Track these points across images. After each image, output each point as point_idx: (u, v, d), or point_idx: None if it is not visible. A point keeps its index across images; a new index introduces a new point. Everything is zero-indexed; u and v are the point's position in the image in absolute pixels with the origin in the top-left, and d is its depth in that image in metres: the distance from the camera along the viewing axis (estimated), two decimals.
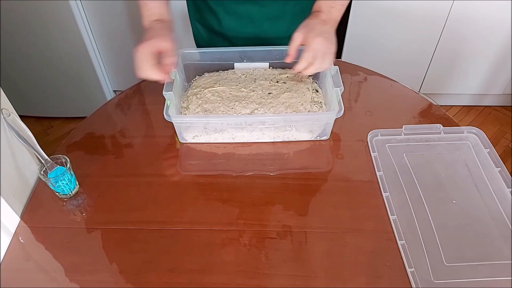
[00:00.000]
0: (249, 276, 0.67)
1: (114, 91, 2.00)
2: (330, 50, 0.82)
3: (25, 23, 1.66)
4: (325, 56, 0.81)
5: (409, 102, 0.98)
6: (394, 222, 0.73)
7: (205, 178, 0.83)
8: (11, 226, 0.75)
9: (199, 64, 0.99)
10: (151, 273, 0.68)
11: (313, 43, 0.80)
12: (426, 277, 0.66)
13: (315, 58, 0.81)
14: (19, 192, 0.79)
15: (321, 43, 0.81)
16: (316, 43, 0.80)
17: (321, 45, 0.81)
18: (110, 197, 0.80)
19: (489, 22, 1.68)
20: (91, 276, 0.69)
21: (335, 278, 0.67)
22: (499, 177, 0.80)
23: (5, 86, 1.78)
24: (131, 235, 0.74)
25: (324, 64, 0.82)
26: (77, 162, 0.87)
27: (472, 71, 1.87)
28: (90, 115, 0.97)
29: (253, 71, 0.98)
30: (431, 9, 1.65)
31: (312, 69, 0.82)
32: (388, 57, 1.84)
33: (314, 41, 0.80)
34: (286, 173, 0.83)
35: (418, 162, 0.83)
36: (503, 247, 0.69)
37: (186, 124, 0.87)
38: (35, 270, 0.70)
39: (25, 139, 0.76)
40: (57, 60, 1.80)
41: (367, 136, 0.88)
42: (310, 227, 0.73)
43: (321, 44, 0.81)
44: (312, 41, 0.81)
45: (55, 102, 1.97)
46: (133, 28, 1.76)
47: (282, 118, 0.84)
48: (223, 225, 0.74)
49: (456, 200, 0.76)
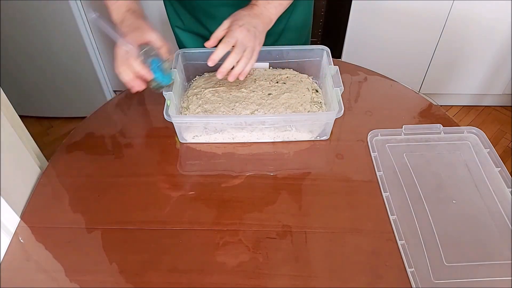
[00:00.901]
0: (249, 276, 0.67)
1: (114, 91, 2.00)
2: (252, 44, 0.77)
3: (25, 23, 1.66)
4: (252, 48, 0.77)
5: (409, 102, 0.98)
6: (394, 222, 0.73)
7: (205, 178, 0.83)
8: (11, 226, 0.75)
9: (199, 64, 0.99)
10: (151, 273, 0.68)
11: (235, 32, 0.76)
12: (426, 277, 0.66)
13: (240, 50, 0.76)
14: (19, 192, 0.79)
15: (244, 34, 0.76)
16: (238, 32, 0.76)
17: (244, 36, 0.76)
18: (110, 197, 0.80)
19: (489, 22, 1.68)
20: (91, 276, 0.69)
21: (335, 278, 0.67)
22: (499, 177, 0.80)
23: (5, 86, 1.77)
24: (131, 235, 0.74)
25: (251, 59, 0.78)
26: (77, 162, 0.87)
27: (472, 71, 1.87)
28: (90, 115, 0.97)
29: (253, 71, 0.98)
30: (431, 9, 1.66)
31: (242, 62, 0.77)
32: (388, 57, 1.84)
33: (237, 30, 0.76)
34: (286, 173, 0.83)
35: (418, 162, 0.83)
36: (503, 247, 0.69)
37: (186, 124, 0.87)
38: (35, 270, 0.70)
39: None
40: (57, 60, 1.80)
41: (367, 136, 0.88)
42: (310, 227, 0.73)
43: (244, 35, 0.76)
44: (235, 29, 0.76)
45: (55, 102, 1.97)
46: None
47: (282, 118, 0.84)
48: (223, 225, 0.74)
49: (456, 200, 0.76)
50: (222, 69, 0.77)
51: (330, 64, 0.90)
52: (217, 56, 0.77)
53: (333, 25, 1.86)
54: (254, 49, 0.78)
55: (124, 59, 0.76)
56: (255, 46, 0.78)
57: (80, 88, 1.91)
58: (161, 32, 0.80)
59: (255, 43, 0.78)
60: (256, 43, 0.78)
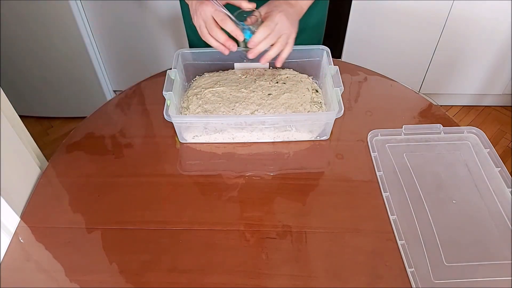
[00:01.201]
0: (249, 276, 0.67)
1: (114, 91, 2.00)
2: (290, 31, 0.78)
3: (25, 23, 1.66)
4: (287, 36, 0.77)
5: (409, 102, 0.98)
6: (394, 222, 0.73)
7: (205, 178, 0.83)
8: (11, 226, 0.75)
9: (199, 64, 0.99)
10: (151, 273, 0.68)
11: (276, 17, 0.76)
12: (426, 277, 0.66)
13: (276, 35, 0.76)
14: (19, 192, 0.79)
15: (284, 20, 0.76)
16: (278, 18, 0.76)
17: (283, 22, 0.76)
18: (110, 197, 0.80)
19: (489, 22, 1.68)
20: (91, 276, 0.69)
21: (335, 278, 0.67)
22: (499, 177, 0.80)
23: (5, 86, 1.78)
24: (131, 235, 0.74)
25: (287, 46, 0.78)
26: (77, 162, 0.87)
27: (472, 71, 1.87)
28: (90, 115, 0.97)
29: (253, 71, 0.98)
30: (431, 9, 1.65)
31: (276, 48, 0.78)
32: (388, 57, 1.84)
33: (277, 15, 0.76)
34: (286, 173, 0.83)
35: (418, 162, 0.83)
36: (503, 247, 0.69)
37: (186, 124, 0.87)
38: (35, 270, 0.70)
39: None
40: (57, 60, 1.79)
41: (367, 136, 0.88)
42: (310, 227, 0.73)
43: (283, 21, 0.76)
44: (275, 15, 0.76)
45: (55, 102, 1.97)
46: (133, 28, 1.76)
47: (282, 118, 0.84)
48: (223, 225, 0.74)
49: (456, 200, 0.76)
50: (255, 50, 0.78)
51: (330, 64, 0.90)
52: (258, 39, 0.76)
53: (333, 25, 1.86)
54: (289, 36, 0.79)
55: (212, 22, 0.77)
56: (291, 33, 0.79)
57: (80, 88, 1.91)
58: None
59: (291, 31, 0.79)
60: (292, 31, 0.79)
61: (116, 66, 1.92)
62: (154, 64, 1.88)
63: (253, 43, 0.77)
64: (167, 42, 1.80)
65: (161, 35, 1.78)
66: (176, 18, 1.71)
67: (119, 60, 1.90)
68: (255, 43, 0.77)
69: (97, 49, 1.84)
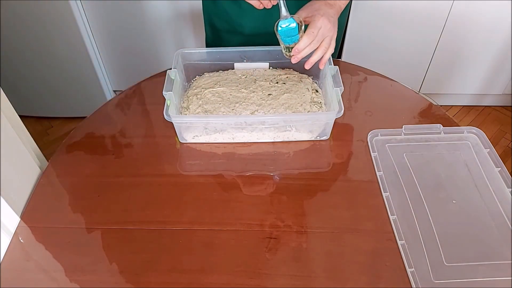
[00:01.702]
0: (249, 276, 0.67)
1: (114, 91, 2.00)
2: (332, 33, 0.80)
3: (25, 23, 1.66)
4: (330, 38, 0.80)
5: (409, 102, 0.98)
6: (394, 222, 0.73)
7: (205, 178, 0.83)
8: (11, 226, 0.75)
9: (199, 64, 0.99)
10: (151, 273, 0.68)
11: (318, 22, 0.78)
12: (426, 277, 0.66)
13: (319, 40, 0.78)
14: (19, 192, 0.79)
15: (326, 23, 0.78)
16: (320, 22, 0.78)
17: (326, 26, 0.78)
18: (110, 197, 0.80)
19: (489, 22, 1.68)
20: (91, 276, 0.69)
21: (335, 278, 0.67)
22: (499, 177, 0.80)
23: (5, 86, 1.78)
24: (131, 235, 0.74)
25: (330, 48, 0.81)
26: (77, 162, 0.87)
27: (472, 71, 1.87)
28: (90, 115, 0.97)
29: (253, 71, 0.98)
30: (431, 9, 1.65)
31: (319, 51, 0.80)
32: (388, 57, 1.83)
33: (320, 20, 0.78)
34: (286, 173, 0.83)
35: (418, 162, 0.83)
36: (503, 247, 0.69)
37: (186, 124, 0.87)
38: (35, 270, 0.70)
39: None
40: (57, 60, 1.79)
41: (367, 136, 0.88)
42: (310, 227, 0.73)
43: (325, 24, 0.78)
44: (317, 19, 0.78)
45: (55, 102, 1.97)
46: (133, 28, 1.76)
47: (282, 118, 0.84)
48: (223, 225, 0.74)
49: (456, 200, 0.76)
50: (299, 56, 0.80)
51: (330, 64, 0.90)
52: (301, 46, 0.79)
53: None
54: (332, 38, 0.81)
55: None
56: (334, 35, 0.81)
57: (80, 88, 1.91)
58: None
59: (333, 32, 0.81)
60: (334, 32, 0.81)
61: (116, 66, 1.92)
62: (154, 64, 1.88)
63: (297, 50, 0.79)
64: (167, 42, 1.80)
65: (161, 35, 1.78)
66: (176, 18, 1.71)
67: (119, 60, 1.90)
68: (299, 50, 0.79)
69: (97, 49, 1.84)
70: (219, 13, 1.05)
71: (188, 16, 1.70)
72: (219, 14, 1.05)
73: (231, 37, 1.07)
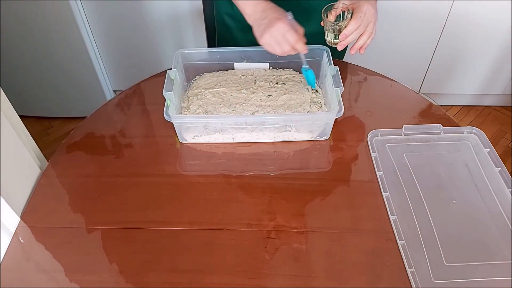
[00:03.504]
0: (249, 276, 0.67)
1: (114, 91, 2.00)
2: (374, 19, 0.83)
3: (25, 23, 1.66)
4: (373, 23, 0.82)
5: (409, 102, 0.98)
6: (394, 222, 0.73)
7: (205, 178, 0.83)
8: (11, 226, 0.75)
9: (199, 64, 0.99)
10: (151, 273, 0.68)
11: (364, 7, 0.81)
12: (426, 277, 0.66)
13: (365, 25, 0.81)
14: (19, 192, 0.79)
15: (370, 9, 0.81)
16: (366, 8, 0.81)
17: (370, 10, 0.81)
18: (110, 197, 0.80)
19: (489, 22, 1.68)
20: (91, 276, 0.69)
21: (335, 278, 0.67)
22: (499, 177, 0.80)
23: (5, 86, 1.77)
24: (131, 235, 0.74)
25: (373, 33, 0.84)
26: (77, 162, 0.87)
27: (472, 71, 1.87)
28: (90, 115, 0.97)
29: (253, 71, 0.98)
30: (431, 9, 1.65)
31: (365, 36, 0.83)
32: (388, 57, 1.83)
33: (365, 5, 0.81)
34: (286, 173, 0.83)
35: (418, 162, 0.83)
36: (503, 247, 0.69)
37: (186, 124, 0.87)
38: (35, 270, 0.70)
39: None
40: (57, 60, 1.79)
41: (367, 136, 0.88)
42: (310, 227, 0.73)
43: (370, 10, 0.81)
44: (362, 5, 0.81)
45: (55, 102, 1.97)
46: (133, 28, 1.76)
47: (282, 118, 0.84)
48: (223, 225, 0.74)
49: (456, 200, 0.76)
50: (345, 42, 0.83)
51: (330, 64, 0.90)
52: (349, 31, 0.82)
53: None
54: (375, 24, 0.83)
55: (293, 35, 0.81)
56: (376, 21, 0.84)
57: (80, 88, 1.91)
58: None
59: (376, 18, 0.83)
60: (376, 18, 0.84)
61: (116, 66, 1.92)
62: (154, 64, 1.88)
63: (344, 36, 0.82)
64: (167, 42, 1.80)
65: (161, 35, 1.78)
66: (176, 18, 1.71)
67: (119, 60, 1.89)
68: (347, 35, 0.82)
69: (97, 49, 1.84)
70: (233, 13, 1.04)
71: (188, 16, 1.70)
72: (232, 14, 1.05)
73: (244, 35, 1.06)
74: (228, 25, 1.08)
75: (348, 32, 0.82)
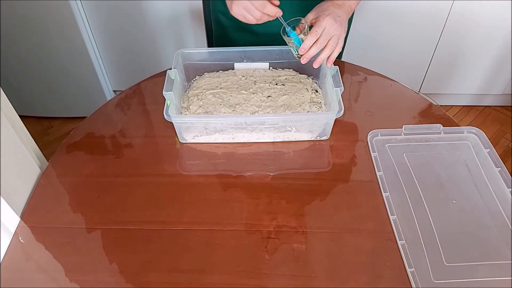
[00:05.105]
0: (249, 276, 0.67)
1: (114, 91, 2.00)
2: (339, 32, 0.82)
3: (25, 23, 1.66)
4: (337, 37, 0.82)
5: (409, 102, 0.98)
6: (394, 222, 0.73)
7: (205, 178, 0.83)
8: (11, 226, 0.75)
9: (199, 64, 0.99)
10: (151, 273, 0.68)
11: (323, 22, 0.80)
12: (426, 277, 0.66)
13: (326, 38, 0.81)
14: (19, 192, 0.79)
15: (331, 23, 0.80)
16: (325, 22, 0.80)
17: (331, 25, 0.80)
18: (110, 197, 0.80)
19: (489, 22, 1.68)
20: (91, 276, 0.69)
21: (335, 278, 0.67)
22: (499, 177, 0.80)
23: (5, 86, 1.78)
24: (131, 235, 0.74)
25: (337, 47, 0.83)
26: (77, 162, 0.87)
27: (472, 71, 1.87)
28: (90, 115, 0.97)
29: (253, 72, 0.98)
30: (431, 9, 1.65)
31: (327, 50, 0.82)
32: (388, 57, 1.83)
33: (324, 19, 0.80)
34: (286, 173, 0.83)
35: (418, 162, 0.83)
36: (503, 247, 0.69)
37: (186, 124, 0.87)
38: (35, 270, 0.70)
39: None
40: (57, 60, 1.79)
41: (367, 136, 0.88)
42: (310, 227, 0.73)
43: (331, 24, 0.80)
44: (322, 19, 0.80)
45: (55, 102, 1.97)
46: (133, 28, 1.76)
47: (282, 118, 0.84)
48: (223, 225, 0.74)
49: (456, 200, 0.76)
50: (306, 55, 0.83)
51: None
52: (307, 45, 0.82)
53: None
54: (339, 37, 0.83)
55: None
56: (341, 34, 0.83)
57: (80, 88, 1.91)
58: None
59: (341, 31, 0.83)
60: (341, 31, 0.83)
61: (116, 66, 1.92)
62: (154, 64, 1.88)
63: (303, 50, 0.82)
64: (167, 42, 1.80)
65: (161, 35, 1.78)
66: (176, 18, 1.71)
67: (119, 60, 1.89)
68: (305, 49, 0.82)
69: (97, 49, 1.84)
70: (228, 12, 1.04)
71: (188, 16, 1.70)
72: (227, 13, 1.05)
73: (239, 35, 1.06)
74: (223, 24, 1.09)
75: (306, 46, 0.82)
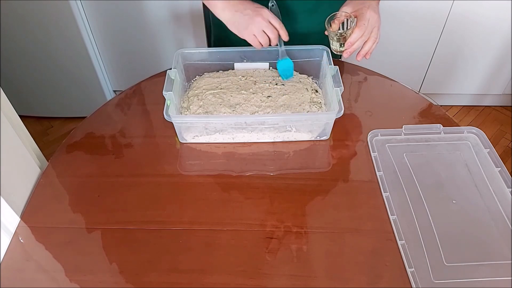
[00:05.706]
0: (249, 276, 0.67)
1: (114, 91, 2.00)
2: (379, 24, 0.84)
3: (25, 23, 1.66)
4: (377, 28, 0.83)
5: (409, 102, 0.98)
6: (394, 222, 0.73)
7: (205, 178, 0.83)
8: (11, 226, 0.75)
9: (199, 64, 0.99)
10: (151, 273, 0.68)
11: (367, 14, 0.82)
12: (426, 277, 0.66)
13: (369, 31, 0.82)
14: (19, 192, 0.79)
15: (373, 15, 0.82)
16: (368, 14, 0.82)
17: (373, 17, 0.82)
18: (110, 197, 0.80)
19: (489, 22, 1.68)
20: (91, 276, 0.69)
21: (335, 278, 0.67)
22: (499, 177, 0.80)
23: (5, 86, 1.78)
24: (131, 235, 0.74)
25: (378, 38, 0.85)
26: (77, 162, 0.87)
27: (472, 71, 1.87)
28: (90, 115, 0.97)
29: (253, 72, 0.98)
30: (431, 9, 1.65)
31: (370, 42, 0.84)
32: (388, 57, 1.83)
33: (367, 12, 0.82)
34: (286, 173, 0.83)
35: (418, 162, 0.83)
36: (503, 247, 0.69)
37: (186, 124, 0.87)
38: (35, 270, 0.70)
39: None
40: (57, 60, 1.79)
41: (367, 136, 0.88)
42: (310, 227, 0.73)
43: (372, 16, 0.82)
44: (365, 12, 0.82)
45: (55, 102, 1.97)
46: (133, 28, 1.76)
47: (282, 118, 0.84)
48: (223, 225, 0.74)
49: (456, 200, 0.76)
50: (351, 49, 0.85)
51: (330, 64, 0.90)
52: (354, 39, 0.84)
53: None
54: (379, 29, 0.85)
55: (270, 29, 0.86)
56: (379, 25, 0.85)
57: (80, 88, 1.91)
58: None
59: (379, 23, 0.85)
60: (380, 23, 0.85)
61: (116, 66, 1.92)
62: (154, 64, 1.88)
63: (349, 44, 0.84)
64: (167, 42, 1.80)
65: (161, 35, 1.78)
66: (176, 18, 1.71)
67: (119, 60, 1.89)
68: (352, 43, 0.84)
69: (97, 49, 1.84)
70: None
71: (188, 16, 1.70)
72: None
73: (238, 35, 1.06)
74: (221, 25, 1.08)
75: (353, 40, 0.83)
